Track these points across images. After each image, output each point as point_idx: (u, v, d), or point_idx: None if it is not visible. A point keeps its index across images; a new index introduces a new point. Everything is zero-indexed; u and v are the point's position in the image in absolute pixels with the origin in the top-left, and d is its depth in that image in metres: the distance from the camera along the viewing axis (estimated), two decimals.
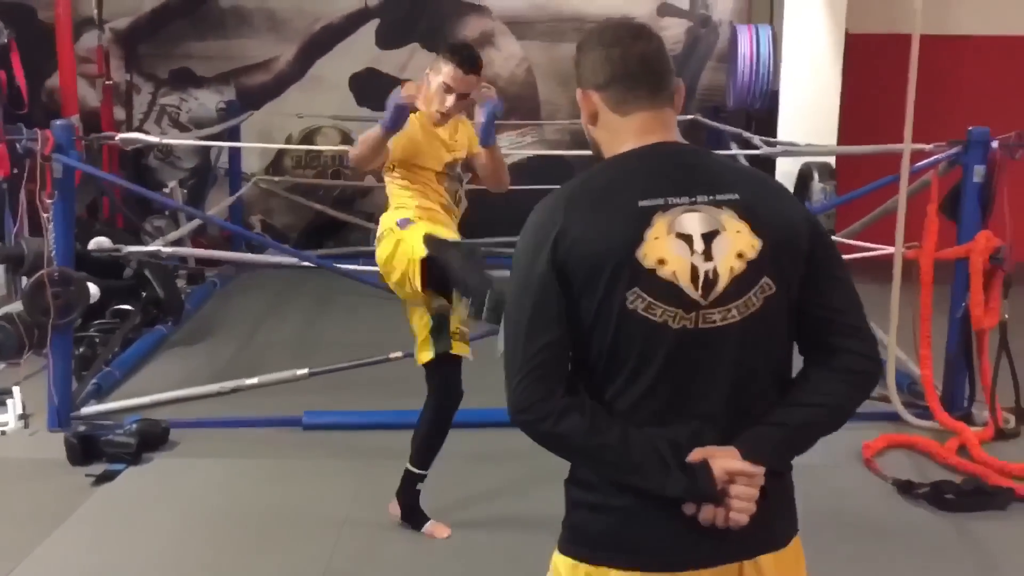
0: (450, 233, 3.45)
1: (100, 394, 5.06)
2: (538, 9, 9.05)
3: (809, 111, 7.81)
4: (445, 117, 3.45)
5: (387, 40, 9.16)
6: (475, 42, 9.04)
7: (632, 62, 1.69)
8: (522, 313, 1.61)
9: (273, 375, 4.83)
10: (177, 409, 4.85)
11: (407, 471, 3.60)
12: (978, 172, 4.71)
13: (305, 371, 4.80)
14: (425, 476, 3.60)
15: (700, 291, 1.58)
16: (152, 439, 4.39)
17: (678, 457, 1.59)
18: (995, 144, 4.69)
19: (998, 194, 4.72)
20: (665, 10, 9.04)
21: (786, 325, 1.66)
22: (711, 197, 1.62)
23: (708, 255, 1.58)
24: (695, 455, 1.60)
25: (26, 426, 4.65)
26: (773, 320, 1.63)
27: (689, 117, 8.69)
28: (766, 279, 1.60)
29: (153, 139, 5.77)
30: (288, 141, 9.05)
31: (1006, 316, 4.74)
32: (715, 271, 1.58)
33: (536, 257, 1.60)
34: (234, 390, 4.78)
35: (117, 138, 4.84)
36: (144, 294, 6.01)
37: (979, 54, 8.65)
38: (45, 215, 4.36)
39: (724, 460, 1.59)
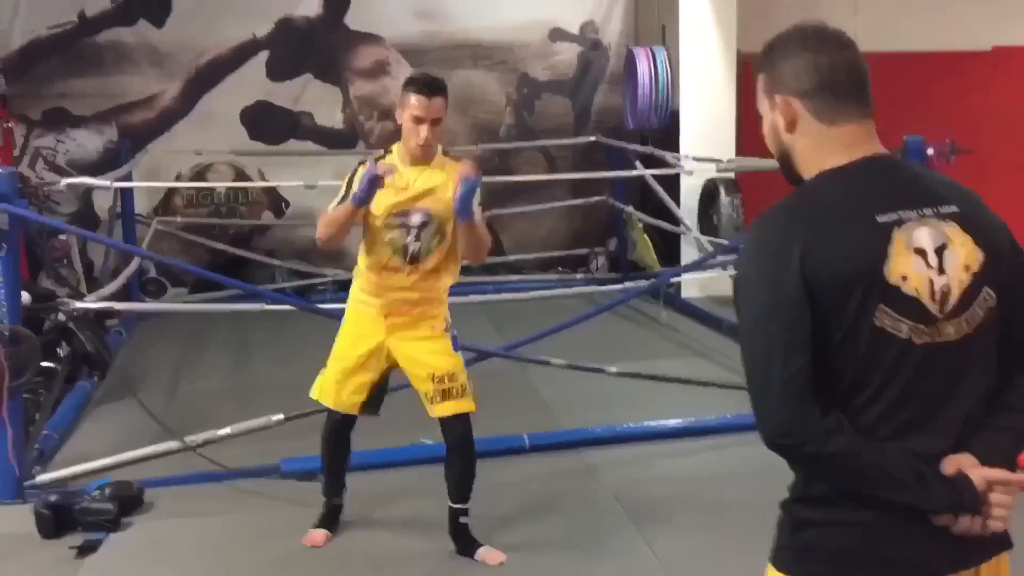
0: (335, 373, 3.62)
1: (43, 459, 4.68)
2: (431, 36, 9.04)
3: (709, 128, 8.12)
4: (426, 151, 3.42)
5: (278, 72, 8.93)
6: (369, 72, 9.03)
7: (841, 70, 1.68)
8: (773, 335, 1.59)
9: (246, 423, 4.58)
10: (137, 469, 4.53)
11: (449, 507, 3.65)
12: None
13: (280, 416, 4.58)
14: (467, 509, 3.65)
15: (938, 305, 1.60)
16: (128, 503, 4.09)
17: (932, 470, 1.61)
18: (930, 151, 4.99)
19: None
20: (557, 35, 9.20)
21: (998, 334, 1.70)
22: (935, 210, 1.65)
23: (941, 269, 1.61)
24: (949, 467, 1.61)
25: None
26: (993, 330, 1.67)
27: (591, 138, 8.89)
28: (987, 290, 1.64)
29: (102, 183, 5.37)
30: (178, 179, 8.67)
31: None
32: (948, 285, 1.61)
33: (781, 277, 1.58)
34: (205, 443, 4.50)
35: (62, 184, 4.51)
36: (66, 349, 5.60)
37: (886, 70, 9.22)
38: None
39: (981, 470, 1.61)
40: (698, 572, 3.63)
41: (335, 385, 3.62)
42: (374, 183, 3.30)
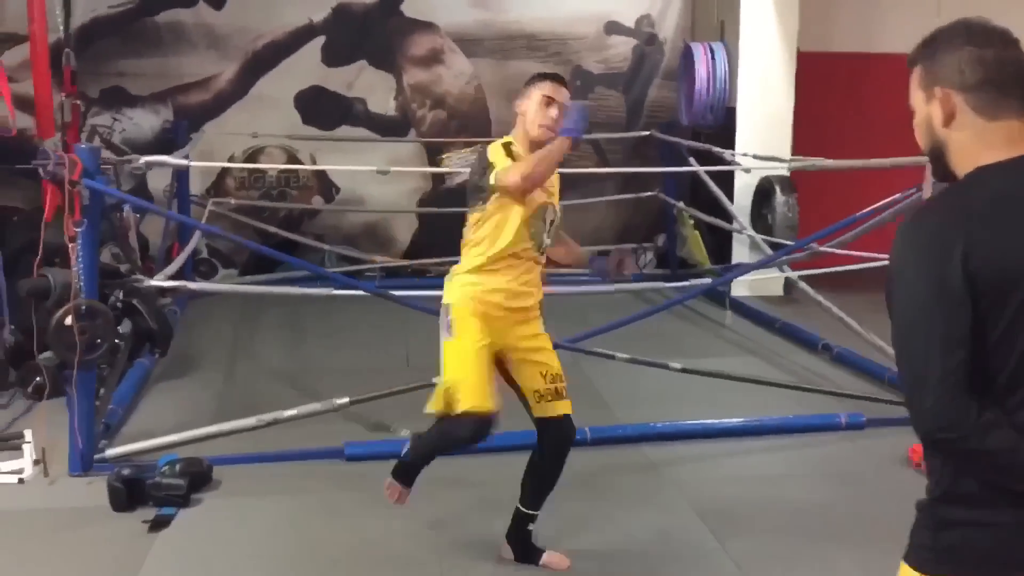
0: (476, 376, 3.33)
1: (109, 434, 4.73)
2: (486, 27, 9.03)
3: (764, 126, 8.06)
4: (551, 132, 3.36)
5: (334, 58, 8.95)
6: (423, 60, 9.04)
7: (1007, 67, 1.66)
8: (934, 329, 1.57)
9: (312, 405, 4.62)
10: (204, 447, 4.57)
11: (518, 511, 3.55)
12: None
13: (345, 400, 4.61)
14: (536, 516, 3.53)
15: None
16: (198, 480, 4.14)
17: None
18: None
19: None
20: (612, 28, 9.16)
21: None
22: None
23: None
24: None
25: (46, 473, 4.30)
26: None
27: (645, 133, 8.85)
28: None
29: (181, 162, 5.40)
30: (231, 161, 8.71)
31: None
32: None
33: (943, 271, 1.57)
34: (273, 422, 4.54)
35: (141, 161, 4.55)
36: (130, 325, 5.65)
37: None
38: (71, 244, 4.05)
39: None
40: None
41: (482, 385, 3.36)
42: (587, 123, 3.33)
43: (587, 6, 9.08)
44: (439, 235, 8.78)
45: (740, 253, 8.11)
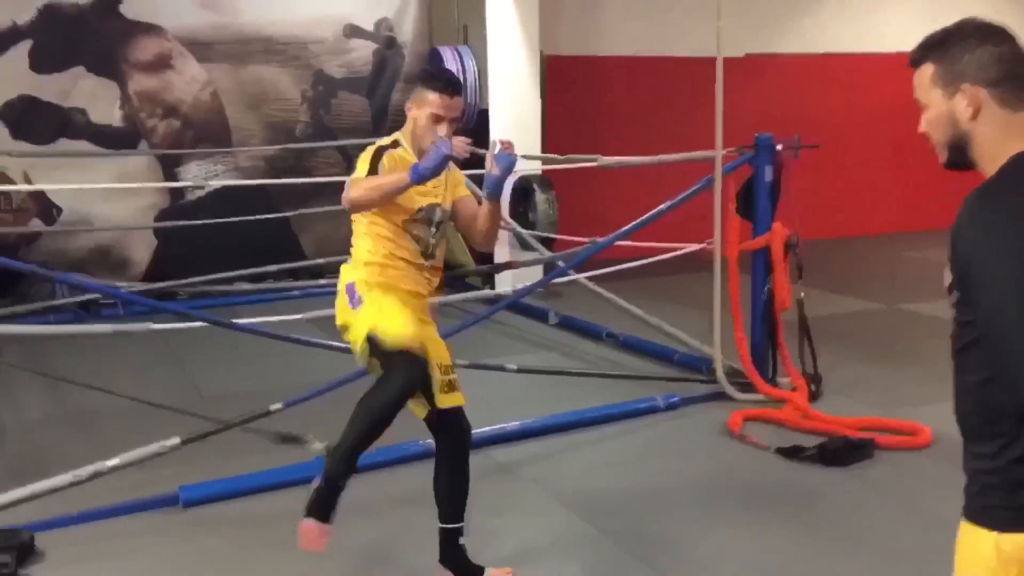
0: (397, 316, 3.15)
1: None
2: (219, 29, 8.52)
3: (516, 127, 8.25)
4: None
5: (45, 64, 8.05)
6: (150, 65, 8.39)
7: (1022, 62, 1.81)
8: None
9: (138, 451, 4.09)
10: (9, 515, 3.92)
11: (442, 531, 3.36)
12: (767, 171, 5.39)
13: (176, 440, 4.14)
14: (462, 528, 3.37)
15: None
16: (23, 552, 3.55)
17: None
18: (779, 147, 5.40)
19: (784, 190, 5.44)
20: (351, 32, 8.98)
21: None
22: None
23: None
24: None
25: None
26: None
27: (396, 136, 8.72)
28: None
29: None
30: None
31: (802, 295, 5.50)
32: None
33: None
34: (93, 476, 3.97)
35: None
36: None
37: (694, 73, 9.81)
38: None
39: None
40: (669, 551, 3.70)
41: (405, 321, 3.12)
42: (445, 163, 3.07)
43: (325, 9, 8.83)
44: (183, 252, 8.20)
45: (501, 251, 8.26)
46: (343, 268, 3.31)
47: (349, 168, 8.92)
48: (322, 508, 3.09)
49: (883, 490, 4.28)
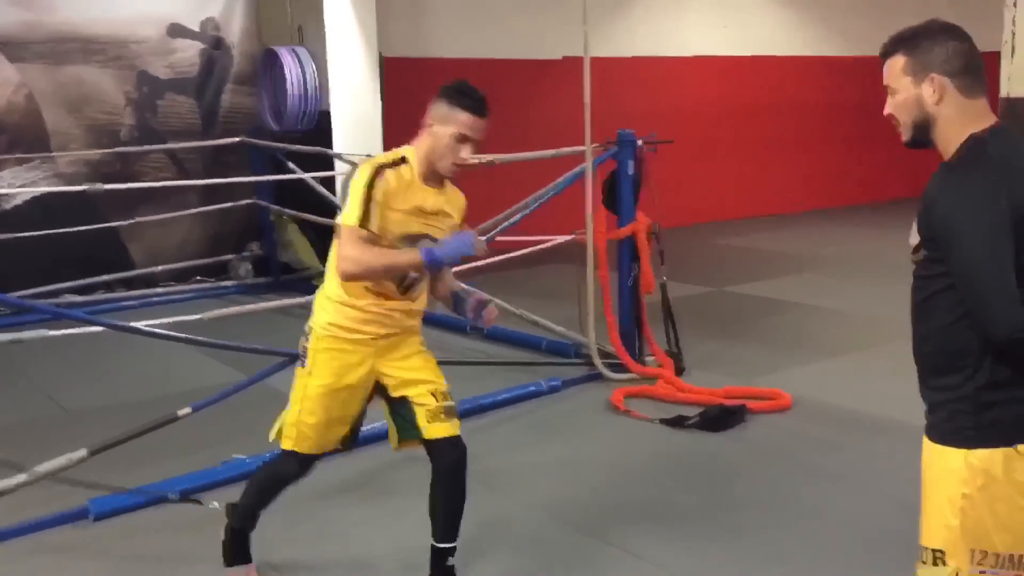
0: (310, 419, 3.14)
1: None
2: (32, 27, 8.03)
3: (357, 127, 8.32)
4: (455, 170, 3.05)
5: None
6: None
7: (977, 55, 2.18)
8: (1001, 251, 2.00)
9: (45, 465, 3.87)
10: None
11: (434, 548, 3.24)
12: (630, 165, 5.76)
13: (83, 452, 3.94)
14: (455, 548, 3.25)
15: None
16: None
17: None
18: (640, 141, 5.78)
19: (645, 181, 5.83)
20: (176, 31, 8.69)
21: None
22: None
23: None
24: None
25: None
26: None
27: (234, 140, 8.56)
28: None
29: None
30: None
31: (664, 279, 5.90)
32: None
33: (998, 205, 2.01)
34: (1, 492, 3.74)
35: None
36: None
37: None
38: None
39: None
40: (593, 516, 3.94)
41: (317, 429, 3.15)
42: (459, 260, 2.95)
43: (147, 7, 8.50)
44: (2, 266, 7.68)
45: None
46: (317, 296, 3.18)
47: (180, 172, 8.72)
48: (238, 554, 3.38)
49: (762, 448, 4.72)
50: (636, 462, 4.59)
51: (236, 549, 3.40)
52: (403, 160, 3.02)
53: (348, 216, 2.90)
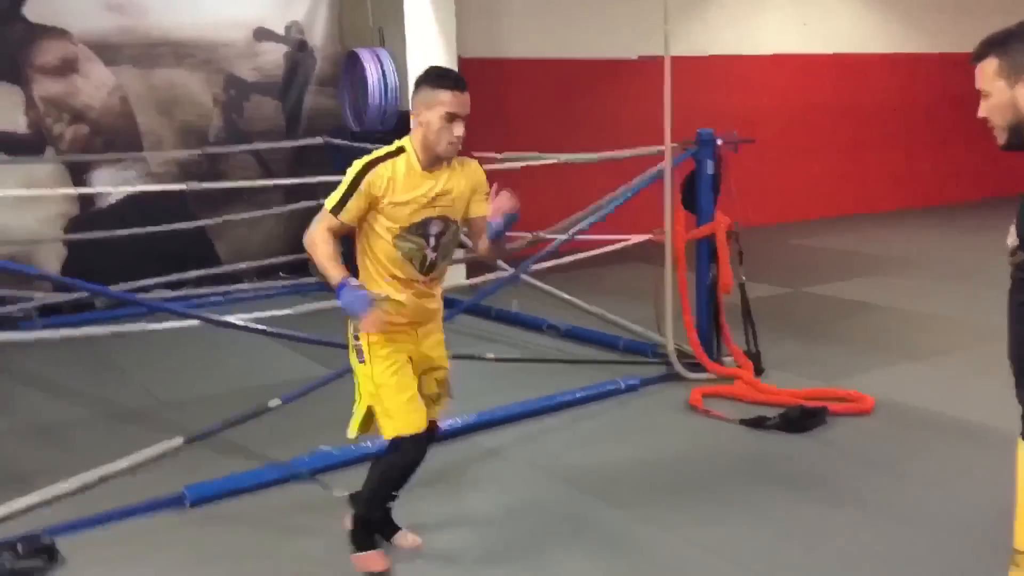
0: (394, 397, 3.28)
1: None
2: (126, 32, 8.32)
3: None
4: (456, 151, 3.25)
5: None
6: (56, 70, 8.15)
7: None
8: None
9: (142, 453, 4.06)
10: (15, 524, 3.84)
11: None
12: (709, 165, 5.75)
13: (179, 440, 4.12)
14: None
15: None
16: (51, 557, 3.50)
17: None
18: (720, 141, 5.77)
19: (725, 181, 5.81)
20: (262, 35, 8.92)
21: None
22: None
23: None
24: None
25: None
26: None
27: (317, 140, 8.76)
28: None
29: None
30: None
31: (743, 279, 5.88)
32: None
33: None
34: (101, 479, 3.92)
35: None
36: None
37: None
38: None
39: None
40: (661, 515, 3.97)
41: (406, 406, 3.29)
42: (352, 314, 3.13)
43: (234, 12, 8.74)
44: (94, 261, 7.97)
45: None
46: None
47: (265, 172, 8.94)
48: (363, 542, 3.47)
49: (844, 450, 4.68)
50: (716, 461, 4.59)
51: (363, 537, 3.50)
52: (399, 151, 3.21)
53: (329, 200, 3.20)
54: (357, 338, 3.30)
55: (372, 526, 3.54)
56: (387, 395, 3.27)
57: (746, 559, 3.60)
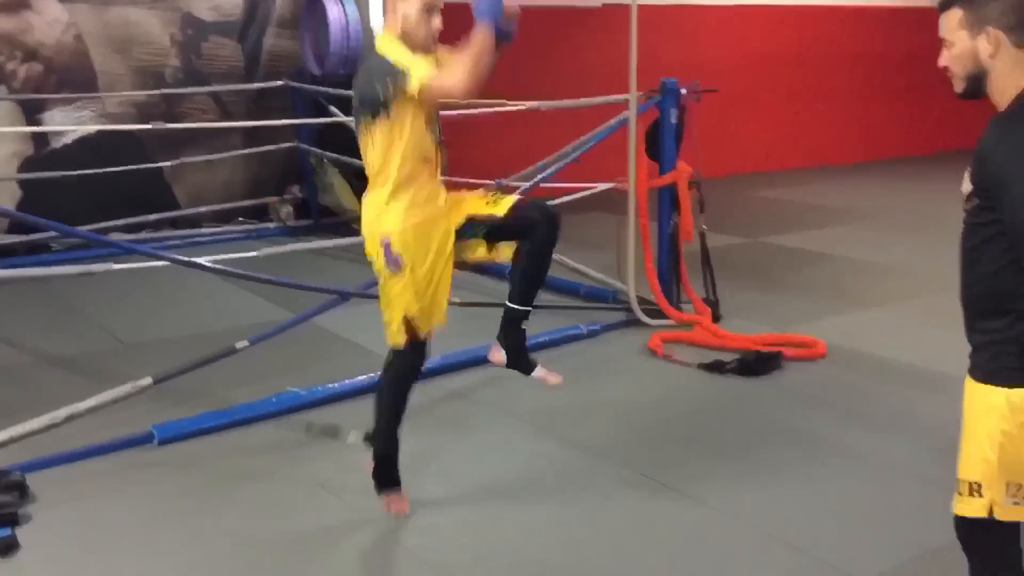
0: (431, 300, 3.33)
1: None
2: None
3: None
4: (434, 41, 3.26)
5: None
6: (8, 6, 7.93)
7: None
8: None
9: (110, 392, 4.07)
10: None
11: (507, 308, 3.46)
12: (673, 114, 5.81)
13: (148, 380, 4.14)
14: (529, 313, 3.47)
15: None
16: (23, 492, 3.53)
17: None
18: (684, 91, 5.82)
19: (688, 131, 5.88)
20: None
21: None
22: None
23: None
24: None
25: None
26: None
27: (277, 83, 8.66)
28: None
29: None
30: None
31: (704, 228, 5.99)
32: None
33: None
34: (68, 418, 3.94)
35: None
36: None
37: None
38: None
39: None
40: (636, 452, 4.09)
41: (428, 311, 3.34)
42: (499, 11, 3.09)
43: None
44: (49, 202, 7.85)
45: None
46: (369, 198, 3.33)
47: (223, 115, 8.83)
48: (387, 480, 3.49)
49: (798, 393, 4.83)
50: (675, 404, 4.73)
51: (385, 475, 3.51)
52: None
53: (416, 74, 3.06)
54: (392, 246, 3.26)
55: (392, 463, 3.51)
56: (411, 301, 3.29)
57: (704, 495, 3.73)
